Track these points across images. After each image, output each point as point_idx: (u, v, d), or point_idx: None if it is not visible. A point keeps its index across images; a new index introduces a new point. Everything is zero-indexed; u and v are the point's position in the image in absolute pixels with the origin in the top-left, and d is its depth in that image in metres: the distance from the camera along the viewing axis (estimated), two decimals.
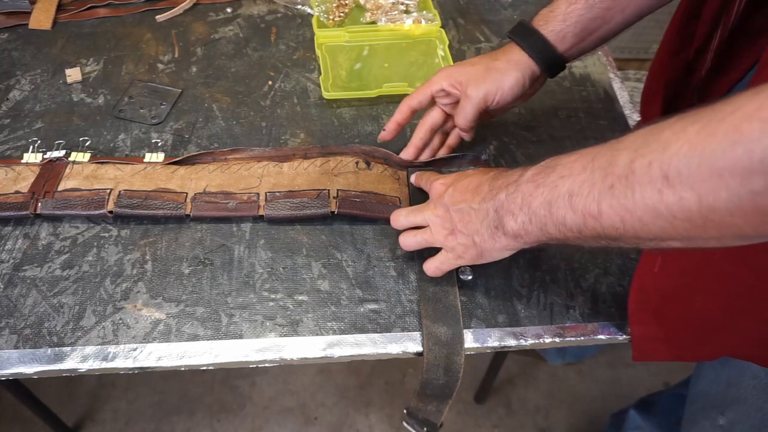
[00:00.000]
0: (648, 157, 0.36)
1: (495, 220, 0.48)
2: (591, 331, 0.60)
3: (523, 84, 0.62)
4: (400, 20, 0.87)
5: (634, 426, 1.05)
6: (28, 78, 0.79)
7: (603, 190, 0.39)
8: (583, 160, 0.41)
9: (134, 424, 1.27)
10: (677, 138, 0.34)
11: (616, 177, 0.38)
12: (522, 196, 0.45)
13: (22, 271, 0.61)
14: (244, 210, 0.64)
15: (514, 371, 1.38)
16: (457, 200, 0.52)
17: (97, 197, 0.64)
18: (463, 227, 0.52)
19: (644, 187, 0.36)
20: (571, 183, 0.41)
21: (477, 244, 0.51)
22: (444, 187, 0.54)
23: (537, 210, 0.44)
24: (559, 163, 0.43)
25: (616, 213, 0.38)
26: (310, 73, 0.82)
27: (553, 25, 0.61)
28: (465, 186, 0.52)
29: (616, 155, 0.38)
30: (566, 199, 0.41)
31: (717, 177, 0.33)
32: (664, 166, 0.35)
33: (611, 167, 0.38)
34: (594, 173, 0.40)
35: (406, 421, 0.59)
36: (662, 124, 0.36)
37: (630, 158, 0.37)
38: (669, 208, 0.35)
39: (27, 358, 0.55)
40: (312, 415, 1.30)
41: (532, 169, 0.46)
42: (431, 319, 0.58)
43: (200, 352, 0.56)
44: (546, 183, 0.43)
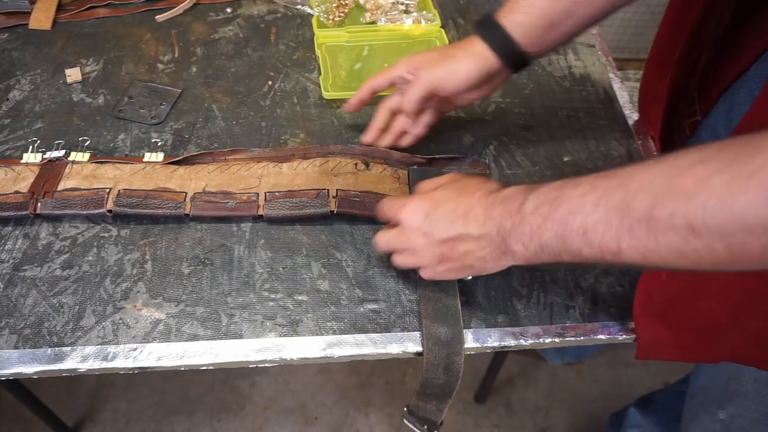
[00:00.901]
0: (669, 206, 0.35)
1: (501, 246, 0.47)
2: (591, 331, 0.60)
3: (478, 75, 0.60)
4: (399, 20, 0.87)
5: (634, 424, 1.05)
6: (28, 78, 0.79)
7: (622, 231, 0.38)
8: (592, 196, 0.40)
9: (134, 424, 1.27)
10: (702, 188, 0.34)
11: (635, 220, 0.37)
12: (530, 228, 0.44)
13: (22, 271, 0.61)
14: (244, 210, 0.64)
15: (514, 371, 1.38)
16: (445, 229, 0.49)
17: (96, 196, 0.64)
18: (456, 254, 0.50)
19: (668, 234, 0.36)
20: (583, 220, 0.40)
21: (475, 267, 0.50)
22: (419, 216, 0.51)
23: (549, 242, 0.43)
24: (564, 196, 0.42)
25: (637, 252, 0.38)
26: (310, 73, 0.82)
27: (516, 16, 0.59)
28: (449, 212, 0.50)
29: (631, 198, 0.37)
30: (581, 235, 0.41)
31: (748, 233, 0.33)
32: (689, 218, 0.34)
33: (628, 210, 0.38)
34: (609, 213, 0.39)
35: (407, 419, 0.59)
36: (680, 165, 0.36)
37: (649, 204, 0.36)
38: (696, 253, 0.35)
39: (27, 358, 0.55)
40: (312, 415, 1.30)
41: (533, 200, 0.44)
42: (431, 319, 0.58)
43: (200, 352, 0.56)
44: (554, 218, 0.42)
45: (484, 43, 0.60)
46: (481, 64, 0.60)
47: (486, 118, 0.77)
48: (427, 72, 0.61)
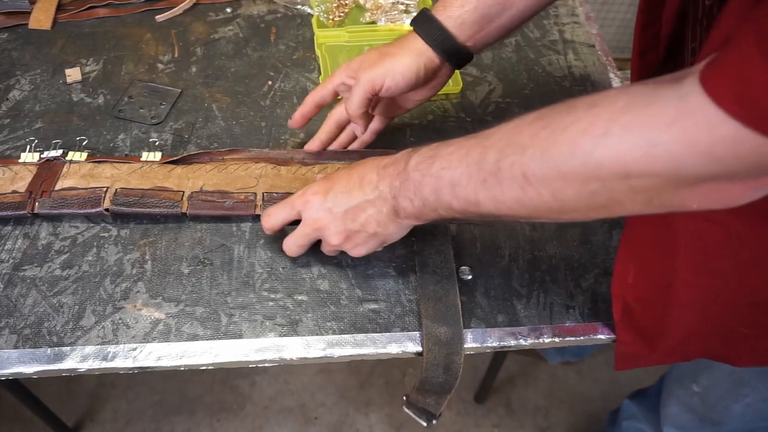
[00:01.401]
0: (510, 158, 0.41)
1: (394, 204, 0.50)
2: (591, 331, 0.60)
3: (417, 72, 0.59)
4: (400, 20, 0.87)
5: (629, 415, 1.06)
6: (27, 78, 0.79)
7: (478, 184, 0.43)
8: (459, 153, 0.45)
9: (134, 424, 1.27)
10: (532, 142, 0.40)
11: (487, 173, 0.42)
12: (413, 184, 0.48)
13: (21, 271, 0.61)
14: (241, 209, 0.64)
15: (514, 371, 1.38)
16: (345, 201, 0.52)
17: (94, 196, 0.64)
18: (359, 225, 0.53)
19: (510, 183, 0.41)
20: (452, 174, 0.45)
21: (378, 234, 0.53)
22: (319, 196, 0.54)
23: (428, 197, 0.47)
24: (438, 154, 0.46)
25: (490, 203, 0.43)
26: (310, 73, 0.82)
27: (450, 10, 0.59)
28: (346, 184, 0.53)
29: (485, 152, 0.43)
30: (450, 188, 0.45)
31: (563, 179, 0.39)
32: (523, 167, 0.40)
33: (483, 163, 0.43)
34: (470, 167, 0.44)
35: (406, 407, 0.59)
36: (523, 122, 0.41)
37: (496, 157, 0.42)
38: (531, 201, 0.41)
39: (27, 357, 0.55)
40: (312, 415, 1.30)
41: (415, 157, 0.48)
42: (431, 318, 0.58)
43: (200, 351, 0.57)
44: (431, 173, 0.46)
45: (421, 39, 0.60)
46: (420, 60, 0.60)
47: (486, 118, 0.77)
48: (366, 72, 0.60)
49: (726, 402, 0.68)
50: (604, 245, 0.65)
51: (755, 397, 0.65)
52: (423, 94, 0.64)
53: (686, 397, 0.74)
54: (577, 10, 0.92)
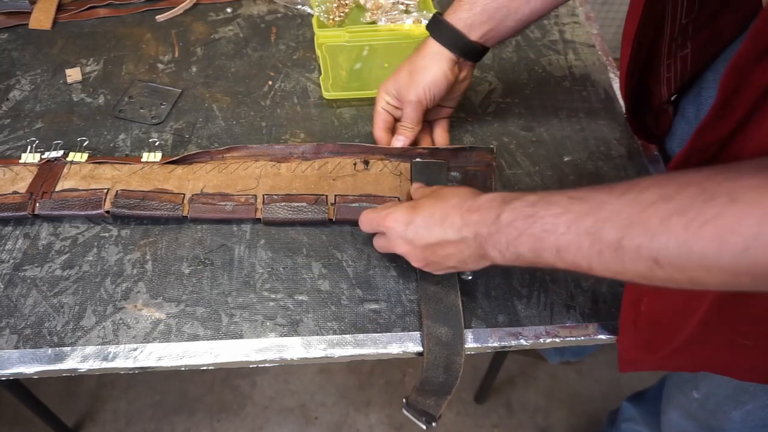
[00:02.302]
0: (636, 240, 0.38)
1: (479, 250, 0.49)
2: (591, 331, 0.60)
3: (446, 75, 0.65)
4: (400, 20, 0.87)
5: (627, 417, 1.06)
6: (28, 78, 0.79)
7: (592, 254, 0.41)
8: (564, 219, 0.43)
9: (134, 424, 1.27)
10: (664, 229, 0.37)
11: (605, 246, 0.40)
12: (506, 239, 0.46)
13: (22, 271, 0.61)
14: (242, 213, 0.64)
15: (514, 371, 1.38)
16: (425, 236, 0.52)
17: (94, 197, 0.64)
18: (439, 258, 0.53)
19: (635, 262, 0.39)
20: (557, 240, 0.43)
21: (457, 267, 0.53)
22: (400, 225, 0.54)
23: (524, 254, 0.46)
24: (539, 215, 0.44)
25: (606, 272, 0.41)
26: (310, 73, 0.82)
27: (460, 13, 0.63)
28: (427, 219, 0.52)
29: (600, 226, 0.40)
30: (554, 252, 0.43)
31: (705, 270, 0.36)
32: (653, 253, 0.38)
33: (597, 237, 0.40)
34: (580, 237, 0.42)
35: (406, 410, 0.59)
36: (644, 200, 0.39)
37: (617, 236, 0.39)
38: (659, 279, 0.39)
39: (27, 358, 0.55)
40: (312, 415, 1.30)
41: (509, 213, 0.46)
42: (432, 319, 0.58)
43: (200, 352, 0.57)
44: (529, 233, 0.45)
45: (438, 43, 0.65)
46: (444, 63, 0.65)
47: (486, 118, 0.77)
48: (409, 93, 0.66)
49: (726, 409, 0.68)
50: None
51: (755, 404, 0.65)
52: (457, 90, 0.69)
53: (686, 403, 0.74)
54: (577, 10, 0.93)
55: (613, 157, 0.74)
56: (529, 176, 0.71)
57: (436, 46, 0.65)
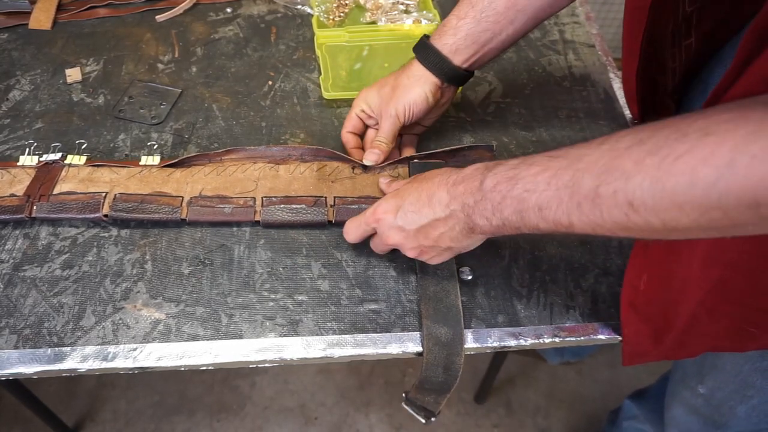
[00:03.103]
0: (612, 185, 0.39)
1: (468, 221, 0.49)
2: (591, 331, 0.60)
3: (427, 98, 0.65)
4: (400, 20, 0.87)
5: (629, 415, 1.06)
6: (28, 78, 0.79)
7: (571, 207, 0.42)
8: (545, 176, 0.43)
9: (134, 424, 1.27)
10: (638, 170, 0.37)
11: (583, 197, 0.41)
12: (491, 204, 0.47)
13: (22, 271, 0.61)
14: (241, 215, 0.64)
15: (514, 371, 1.38)
16: (415, 220, 0.52)
17: (93, 201, 0.64)
18: (431, 241, 0.53)
19: (611, 209, 0.39)
20: (538, 197, 0.43)
21: (452, 248, 0.53)
22: (390, 214, 0.54)
23: (509, 217, 0.46)
24: (520, 176, 0.45)
25: (586, 225, 0.42)
26: (310, 73, 0.82)
27: (445, 39, 0.64)
28: (415, 202, 0.52)
29: (579, 177, 0.41)
30: (537, 211, 0.44)
31: (678, 209, 0.36)
32: (629, 196, 0.38)
33: (576, 188, 0.41)
34: (559, 191, 0.42)
35: (405, 404, 0.60)
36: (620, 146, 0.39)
37: (594, 183, 0.40)
38: (636, 225, 0.39)
39: (27, 358, 0.55)
40: (312, 415, 1.30)
41: (491, 178, 0.47)
42: (432, 319, 0.58)
43: (200, 352, 0.57)
44: (512, 195, 0.45)
45: (423, 66, 0.65)
46: (426, 87, 0.65)
47: (486, 118, 0.77)
48: (389, 107, 0.66)
49: (731, 403, 0.68)
50: (604, 245, 0.65)
51: (761, 398, 0.65)
52: (436, 112, 0.70)
53: (691, 398, 0.74)
54: (577, 10, 0.93)
55: None
56: None
57: (422, 70, 0.65)
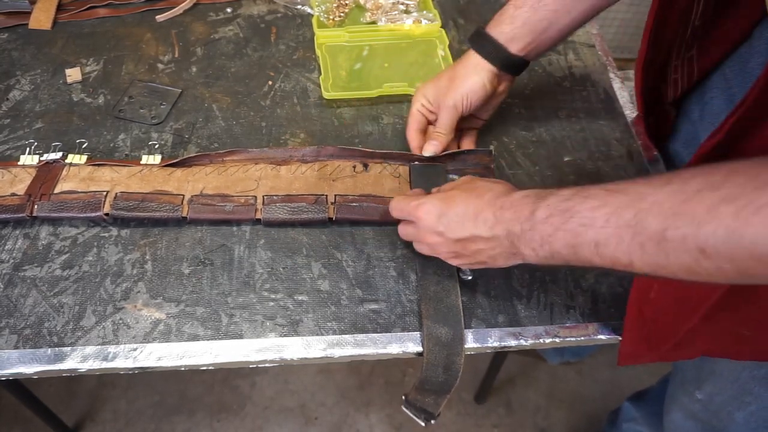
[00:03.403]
0: (681, 230, 0.37)
1: (512, 248, 0.49)
2: (591, 332, 0.60)
3: (484, 85, 0.65)
4: (400, 20, 0.87)
5: (629, 418, 1.06)
6: (28, 78, 0.79)
7: (633, 247, 0.40)
8: (603, 211, 0.42)
9: (134, 424, 1.27)
10: (712, 217, 0.36)
11: (647, 238, 0.39)
12: (541, 236, 0.46)
13: (22, 271, 0.61)
14: (242, 213, 0.64)
15: (514, 371, 1.38)
16: (457, 230, 0.52)
17: (94, 200, 0.64)
18: (469, 252, 0.53)
19: (679, 254, 0.38)
20: (596, 234, 0.42)
21: (486, 262, 0.53)
22: (432, 216, 0.54)
23: (560, 250, 0.45)
24: (575, 209, 0.43)
25: (648, 266, 0.40)
26: (310, 73, 0.82)
27: (501, 27, 0.64)
28: (460, 214, 0.52)
29: (642, 217, 0.39)
30: (592, 247, 0.42)
31: (756, 260, 0.35)
32: (700, 242, 0.36)
33: (639, 228, 0.39)
34: (620, 229, 0.40)
35: (405, 407, 0.60)
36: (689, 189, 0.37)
37: (660, 226, 0.38)
38: (706, 271, 0.37)
39: (27, 358, 0.55)
40: (312, 415, 1.30)
41: (543, 209, 0.46)
42: (432, 319, 0.58)
43: (200, 352, 0.56)
44: (566, 228, 0.44)
45: (480, 56, 0.65)
46: (484, 75, 0.65)
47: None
48: (447, 98, 0.66)
49: (729, 409, 0.68)
50: None
51: (759, 405, 0.65)
52: (493, 102, 0.70)
53: (689, 403, 0.74)
54: None
55: (613, 157, 0.74)
56: (529, 176, 0.71)
57: (478, 58, 0.65)
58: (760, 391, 0.64)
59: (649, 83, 0.68)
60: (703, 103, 0.66)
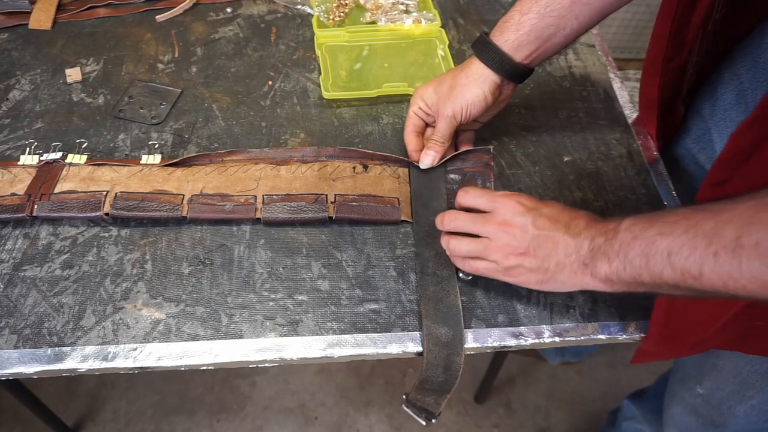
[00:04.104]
0: (755, 236, 0.38)
1: (587, 258, 0.49)
2: (591, 331, 0.60)
3: (486, 98, 0.64)
4: (400, 20, 0.87)
5: (628, 416, 1.06)
6: (28, 78, 0.79)
7: (706, 256, 0.40)
8: (684, 223, 0.42)
9: (134, 424, 1.27)
10: None
11: (721, 247, 0.39)
12: (620, 243, 0.46)
13: (22, 271, 0.61)
14: (241, 212, 0.64)
15: (514, 371, 1.38)
16: (545, 226, 0.52)
17: (94, 199, 0.64)
18: (540, 252, 0.52)
19: (752, 261, 0.38)
20: (671, 242, 0.42)
21: (549, 271, 0.52)
22: (523, 207, 0.53)
23: (633, 260, 0.45)
24: (658, 220, 0.44)
25: (719, 278, 0.40)
26: (310, 73, 0.82)
27: (507, 35, 0.62)
28: (555, 214, 0.52)
29: (720, 227, 0.40)
30: (665, 256, 0.43)
31: None
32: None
33: (716, 237, 0.40)
34: (696, 238, 0.41)
35: (406, 406, 0.60)
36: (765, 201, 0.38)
37: (737, 234, 0.39)
38: None
39: (27, 358, 0.55)
40: (312, 415, 1.30)
41: (630, 219, 0.47)
42: (432, 319, 0.58)
43: (200, 352, 0.57)
44: (644, 236, 0.44)
45: (483, 64, 0.64)
46: (485, 85, 0.64)
47: None
48: (446, 107, 0.65)
49: (730, 404, 0.68)
50: None
51: (760, 398, 0.65)
52: (494, 109, 0.69)
53: (690, 398, 0.74)
54: None
55: (613, 157, 0.74)
56: (529, 176, 0.71)
57: (482, 68, 0.64)
58: (762, 384, 0.64)
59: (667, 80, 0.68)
60: (714, 99, 0.65)
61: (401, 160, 0.70)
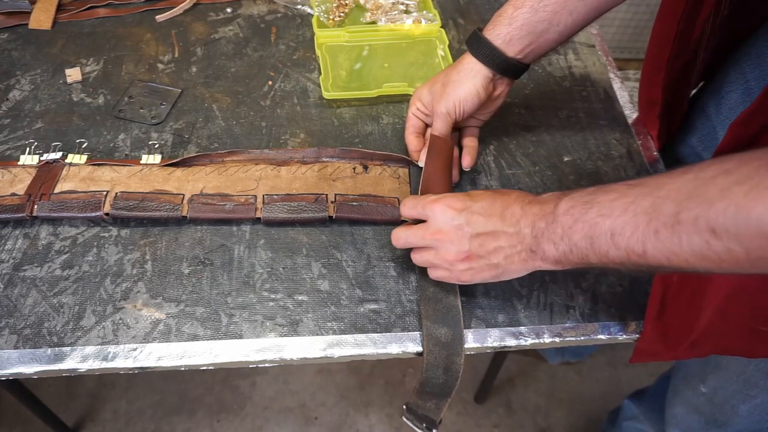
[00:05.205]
0: (694, 211, 0.38)
1: (533, 245, 0.48)
2: (591, 331, 0.60)
3: (478, 93, 0.64)
4: (400, 20, 0.87)
5: (629, 416, 1.06)
6: (28, 78, 0.79)
7: (648, 234, 0.40)
8: (622, 201, 0.42)
9: (134, 424, 1.27)
10: (723, 197, 0.37)
11: (661, 224, 0.40)
12: (562, 228, 0.46)
13: (22, 271, 0.61)
14: (241, 212, 0.64)
15: (514, 371, 1.38)
16: (480, 223, 0.51)
17: (94, 199, 0.64)
18: (484, 251, 0.51)
19: (691, 236, 0.38)
20: (612, 223, 0.42)
21: (500, 266, 0.51)
22: (453, 210, 0.52)
23: (578, 243, 0.45)
24: (596, 200, 0.44)
25: (661, 254, 0.40)
26: (310, 73, 0.82)
27: (499, 29, 0.62)
28: (486, 208, 0.51)
29: (659, 203, 0.40)
30: (608, 237, 0.43)
31: (764, 238, 0.35)
32: (711, 222, 0.37)
33: (655, 213, 0.40)
34: (636, 217, 0.41)
35: (406, 417, 0.59)
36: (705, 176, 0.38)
37: (675, 209, 0.39)
38: (717, 254, 0.38)
39: (27, 358, 0.55)
40: (312, 415, 1.30)
41: (566, 201, 0.46)
42: (432, 319, 0.58)
43: (200, 352, 0.57)
44: (585, 219, 0.44)
45: (476, 59, 0.63)
46: (477, 81, 0.63)
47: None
48: (440, 105, 0.65)
49: (733, 402, 0.68)
50: None
51: (764, 397, 0.65)
52: (491, 106, 0.68)
53: (693, 397, 0.74)
54: None
55: (613, 157, 0.74)
56: (529, 176, 0.71)
57: (473, 62, 0.63)
58: (767, 383, 0.64)
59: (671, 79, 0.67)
60: (719, 98, 0.65)
61: (401, 160, 0.70)
